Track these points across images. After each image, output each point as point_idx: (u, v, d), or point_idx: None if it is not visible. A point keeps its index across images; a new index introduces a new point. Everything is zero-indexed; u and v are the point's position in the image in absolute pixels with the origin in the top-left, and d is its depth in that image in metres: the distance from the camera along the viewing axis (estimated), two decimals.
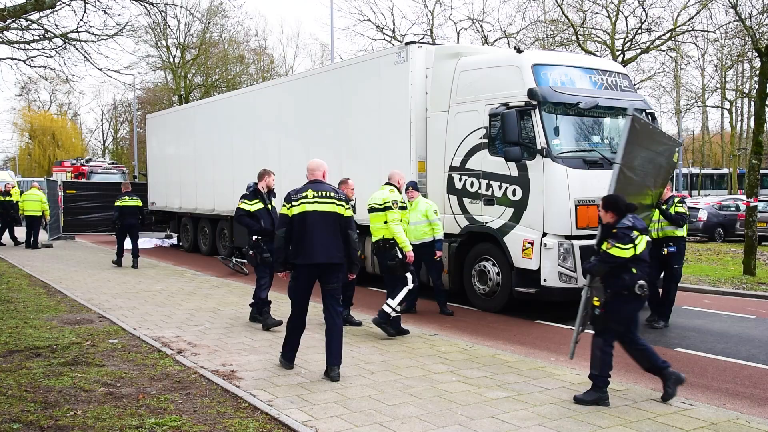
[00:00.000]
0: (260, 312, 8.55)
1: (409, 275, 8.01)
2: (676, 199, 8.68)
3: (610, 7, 26.62)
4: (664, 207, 8.55)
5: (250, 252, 8.59)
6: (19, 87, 49.15)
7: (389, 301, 7.90)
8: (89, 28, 12.80)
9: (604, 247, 5.49)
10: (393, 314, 7.88)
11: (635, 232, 5.39)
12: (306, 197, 6.15)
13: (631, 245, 5.37)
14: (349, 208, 6.21)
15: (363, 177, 11.94)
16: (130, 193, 14.65)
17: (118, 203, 14.48)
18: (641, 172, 7.08)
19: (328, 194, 6.15)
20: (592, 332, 5.69)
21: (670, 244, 8.68)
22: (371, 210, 8.21)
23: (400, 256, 7.94)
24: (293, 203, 6.16)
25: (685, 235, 8.88)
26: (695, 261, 16.30)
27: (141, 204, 14.87)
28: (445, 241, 9.90)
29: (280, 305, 9.73)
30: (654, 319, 8.91)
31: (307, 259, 6.08)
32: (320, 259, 6.09)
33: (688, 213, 8.90)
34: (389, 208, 8.03)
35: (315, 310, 9.62)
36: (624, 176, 6.44)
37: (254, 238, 8.51)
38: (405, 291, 7.93)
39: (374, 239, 8.24)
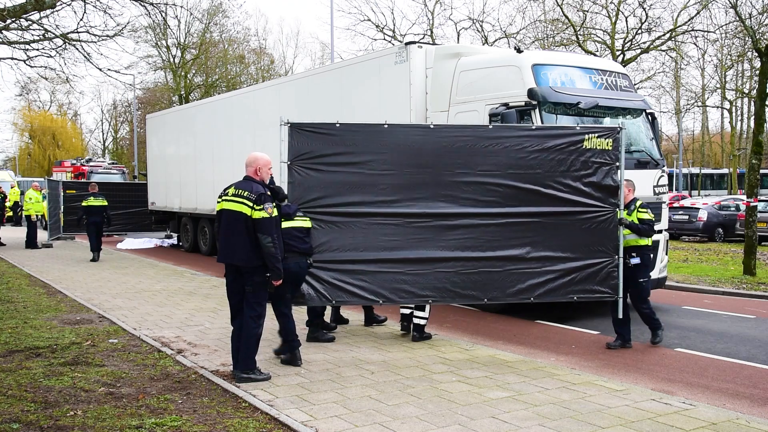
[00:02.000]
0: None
1: None
2: (638, 203, 7.60)
3: (610, 7, 26.66)
4: (625, 213, 7.48)
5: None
6: (19, 87, 49.23)
7: (417, 313, 7.79)
8: (89, 29, 12.83)
9: None
10: (424, 323, 7.81)
11: None
12: (226, 194, 6.08)
13: None
14: (260, 210, 5.79)
15: None
16: (96, 193, 16.19)
17: (84, 203, 16.01)
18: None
19: (241, 193, 5.93)
20: None
21: (633, 254, 7.62)
22: None
23: None
24: (219, 199, 6.15)
25: (649, 244, 7.77)
26: (695, 261, 16.31)
27: (106, 204, 16.23)
28: None
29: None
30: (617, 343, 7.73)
31: (219, 258, 6.12)
32: (226, 259, 6.02)
33: (653, 218, 7.69)
34: None
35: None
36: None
37: None
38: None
39: None
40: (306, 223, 7.05)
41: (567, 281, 7.44)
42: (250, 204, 5.85)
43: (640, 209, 7.58)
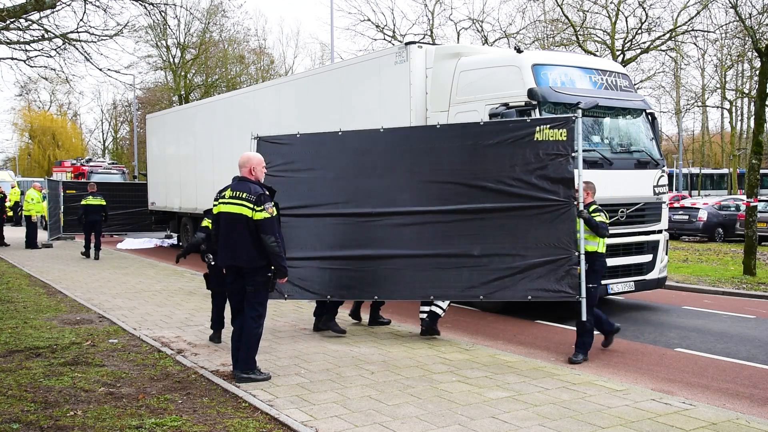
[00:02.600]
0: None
1: None
2: (591, 208, 7.16)
3: (610, 7, 26.64)
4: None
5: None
6: (19, 87, 49.21)
7: (438, 302, 7.79)
8: (89, 29, 12.82)
9: None
10: (441, 314, 7.80)
11: None
12: (224, 197, 6.08)
13: None
14: (261, 211, 5.80)
15: None
16: (95, 193, 16.64)
17: (83, 202, 16.51)
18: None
19: (240, 195, 5.91)
20: None
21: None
22: None
23: None
24: (216, 202, 6.19)
25: (602, 251, 7.30)
26: (695, 261, 16.31)
27: (105, 203, 16.65)
28: None
29: (279, 305, 9.74)
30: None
31: (220, 260, 6.14)
32: (228, 261, 6.02)
33: (608, 221, 7.29)
34: None
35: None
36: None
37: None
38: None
39: None
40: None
41: (522, 279, 7.24)
42: (251, 205, 5.84)
43: (592, 213, 7.14)
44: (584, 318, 7.06)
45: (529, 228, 7.24)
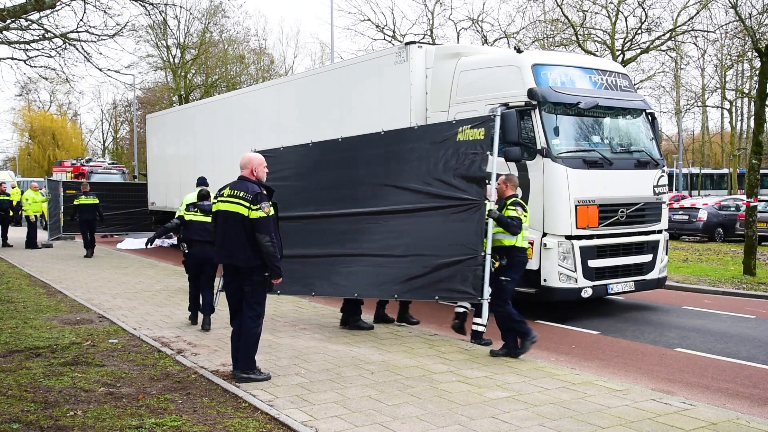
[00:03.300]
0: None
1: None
2: (509, 202, 7.08)
3: (610, 7, 26.63)
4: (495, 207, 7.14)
5: None
6: (19, 87, 49.14)
7: (476, 320, 7.55)
8: (89, 28, 12.80)
9: None
10: (482, 329, 7.59)
11: None
12: (222, 195, 6.10)
13: None
14: (257, 210, 5.77)
15: None
16: (88, 192, 17.09)
17: (76, 202, 17.02)
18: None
19: (237, 194, 5.93)
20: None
21: (501, 255, 7.09)
22: None
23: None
24: (215, 200, 6.20)
25: (522, 245, 7.10)
26: (695, 261, 16.31)
27: (98, 202, 17.12)
28: None
29: (279, 305, 9.74)
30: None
31: (217, 258, 6.15)
32: (225, 260, 6.04)
33: (524, 217, 7.12)
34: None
35: (314, 310, 9.66)
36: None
37: None
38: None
39: None
40: None
41: (431, 280, 7.35)
42: (247, 204, 5.83)
43: (509, 206, 7.05)
44: (483, 321, 7.34)
45: (444, 228, 7.39)
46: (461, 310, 8.05)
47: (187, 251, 8.61)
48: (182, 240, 8.84)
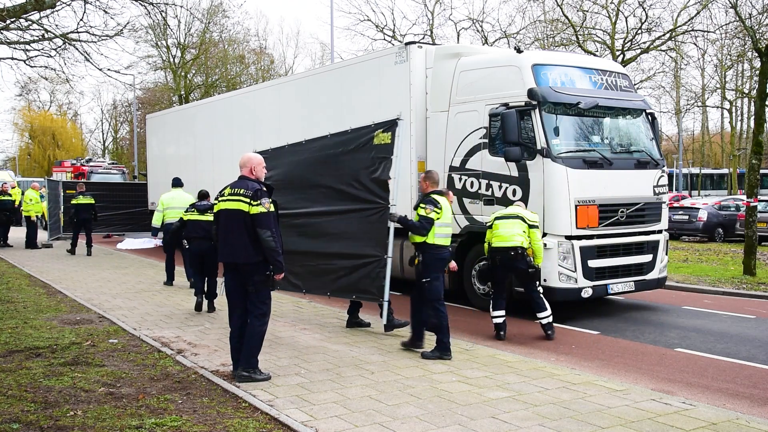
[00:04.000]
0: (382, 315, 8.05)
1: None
2: (428, 198, 7.05)
3: (610, 7, 26.64)
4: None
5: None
6: (19, 87, 49.17)
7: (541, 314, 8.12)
8: (89, 29, 12.80)
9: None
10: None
11: None
12: (223, 195, 6.15)
13: None
14: (257, 205, 5.82)
15: None
16: (84, 192, 17.49)
17: (73, 201, 17.41)
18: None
19: (238, 192, 5.97)
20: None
21: (417, 252, 7.09)
22: (508, 217, 8.19)
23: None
24: (216, 200, 6.27)
25: (434, 242, 6.96)
26: (695, 261, 16.31)
27: (93, 202, 17.52)
28: None
29: (280, 305, 9.74)
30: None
31: (220, 257, 6.17)
32: (227, 258, 6.05)
33: (436, 213, 6.94)
34: (536, 225, 8.16)
35: (314, 310, 9.66)
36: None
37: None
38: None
39: (512, 245, 7.97)
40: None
41: (351, 280, 7.76)
42: (247, 200, 5.87)
43: (420, 204, 7.06)
44: (383, 320, 7.64)
45: (361, 230, 7.78)
46: (500, 321, 8.15)
47: (188, 247, 9.87)
48: (183, 237, 10.07)
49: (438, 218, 6.96)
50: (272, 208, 5.98)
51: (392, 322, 7.94)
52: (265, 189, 6.00)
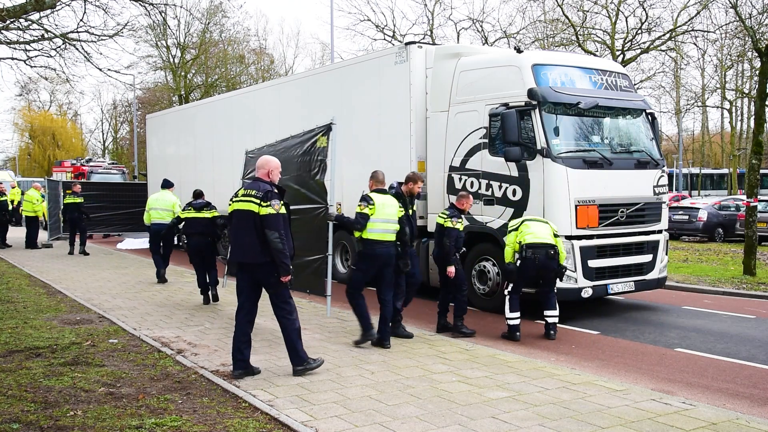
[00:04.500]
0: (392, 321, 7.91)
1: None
2: (360, 200, 7.40)
3: (610, 7, 26.64)
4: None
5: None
6: (19, 87, 49.20)
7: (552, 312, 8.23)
8: (89, 28, 12.81)
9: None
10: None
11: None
12: (237, 196, 6.25)
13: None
14: (267, 206, 5.90)
15: (363, 177, 11.93)
16: (76, 192, 17.85)
17: (65, 201, 18.04)
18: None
19: (250, 192, 6.07)
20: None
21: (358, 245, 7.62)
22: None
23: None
24: (230, 202, 6.36)
25: (370, 237, 7.28)
26: (695, 261, 16.31)
27: (81, 201, 17.93)
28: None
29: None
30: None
31: (231, 257, 6.29)
32: (237, 258, 6.16)
33: (369, 209, 7.28)
34: (558, 235, 8.35)
35: (314, 310, 9.65)
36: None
37: None
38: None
39: (550, 242, 8.11)
40: (209, 214, 10.24)
41: (306, 275, 8.49)
42: (258, 201, 5.95)
43: (360, 201, 7.40)
44: (328, 314, 8.43)
45: (310, 229, 8.46)
46: (516, 322, 8.15)
47: (187, 242, 10.49)
48: (182, 233, 10.87)
49: (371, 214, 7.26)
50: (282, 210, 6.06)
51: (462, 329, 8.22)
52: (276, 191, 6.07)
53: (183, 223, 10.60)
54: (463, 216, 8.46)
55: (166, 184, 13.26)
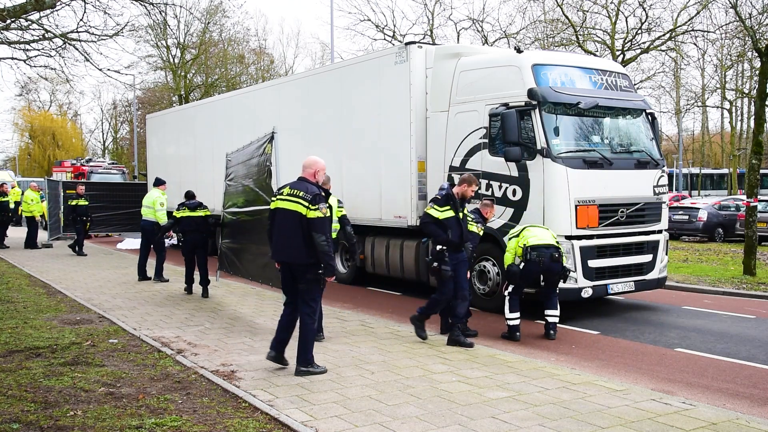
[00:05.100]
0: (451, 328, 7.72)
1: None
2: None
3: (610, 7, 26.64)
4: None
5: (434, 264, 7.55)
6: (19, 87, 49.18)
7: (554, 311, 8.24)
8: (89, 28, 12.80)
9: None
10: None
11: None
12: (282, 193, 6.28)
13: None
14: (315, 210, 5.97)
15: (363, 177, 11.96)
16: (81, 195, 18.15)
17: (72, 203, 18.15)
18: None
19: (297, 193, 6.11)
20: None
21: None
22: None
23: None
24: (273, 198, 6.46)
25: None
26: (695, 261, 16.31)
27: (88, 203, 18.30)
28: None
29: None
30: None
31: (273, 255, 6.36)
32: (279, 257, 6.26)
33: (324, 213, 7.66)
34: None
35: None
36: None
37: (438, 248, 7.50)
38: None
39: (554, 243, 8.14)
40: (202, 213, 11.12)
41: (267, 269, 8.88)
42: (306, 204, 6.01)
43: None
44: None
45: (265, 228, 8.79)
46: (517, 322, 8.13)
47: (182, 239, 11.17)
48: (177, 232, 11.51)
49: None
50: (328, 213, 6.18)
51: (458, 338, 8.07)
52: (323, 194, 6.19)
53: (178, 222, 11.17)
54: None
55: (156, 182, 13.46)
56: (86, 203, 18.09)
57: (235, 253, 10.53)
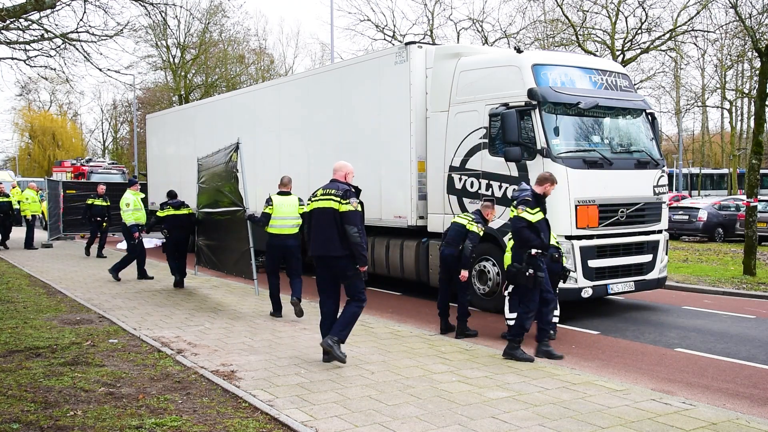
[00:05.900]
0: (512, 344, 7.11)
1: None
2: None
3: (610, 7, 26.64)
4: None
5: (529, 271, 6.82)
6: (19, 87, 49.21)
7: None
8: (89, 28, 12.80)
9: None
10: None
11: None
12: (316, 195, 6.71)
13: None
14: (347, 203, 6.38)
15: (363, 177, 11.93)
16: (102, 195, 18.32)
17: (93, 201, 18.26)
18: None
19: (329, 192, 6.55)
20: None
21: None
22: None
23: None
24: (309, 201, 6.84)
25: (270, 231, 9.03)
26: (695, 261, 16.31)
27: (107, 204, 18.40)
28: None
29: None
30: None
31: (311, 251, 6.66)
32: (317, 252, 6.59)
33: (269, 212, 8.98)
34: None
35: (314, 310, 9.64)
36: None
37: (533, 252, 6.87)
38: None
39: (555, 243, 7.97)
40: (186, 211, 11.93)
41: (239, 263, 10.24)
42: (338, 199, 6.44)
43: (265, 203, 9.10)
44: (257, 295, 10.09)
45: (236, 227, 10.15)
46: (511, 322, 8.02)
47: (168, 236, 12.01)
48: (163, 229, 12.25)
49: (271, 213, 8.89)
50: (359, 208, 6.49)
51: (466, 331, 8.21)
52: (353, 190, 6.53)
53: (163, 221, 11.94)
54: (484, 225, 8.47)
55: (129, 183, 13.94)
56: (106, 204, 17.70)
57: (210, 249, 11.45)
